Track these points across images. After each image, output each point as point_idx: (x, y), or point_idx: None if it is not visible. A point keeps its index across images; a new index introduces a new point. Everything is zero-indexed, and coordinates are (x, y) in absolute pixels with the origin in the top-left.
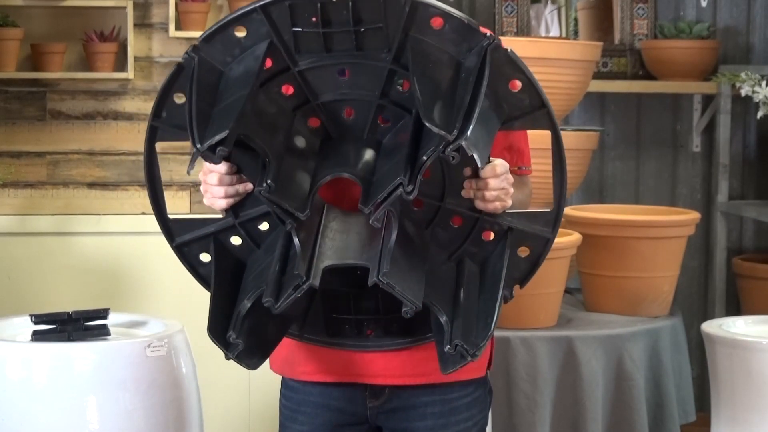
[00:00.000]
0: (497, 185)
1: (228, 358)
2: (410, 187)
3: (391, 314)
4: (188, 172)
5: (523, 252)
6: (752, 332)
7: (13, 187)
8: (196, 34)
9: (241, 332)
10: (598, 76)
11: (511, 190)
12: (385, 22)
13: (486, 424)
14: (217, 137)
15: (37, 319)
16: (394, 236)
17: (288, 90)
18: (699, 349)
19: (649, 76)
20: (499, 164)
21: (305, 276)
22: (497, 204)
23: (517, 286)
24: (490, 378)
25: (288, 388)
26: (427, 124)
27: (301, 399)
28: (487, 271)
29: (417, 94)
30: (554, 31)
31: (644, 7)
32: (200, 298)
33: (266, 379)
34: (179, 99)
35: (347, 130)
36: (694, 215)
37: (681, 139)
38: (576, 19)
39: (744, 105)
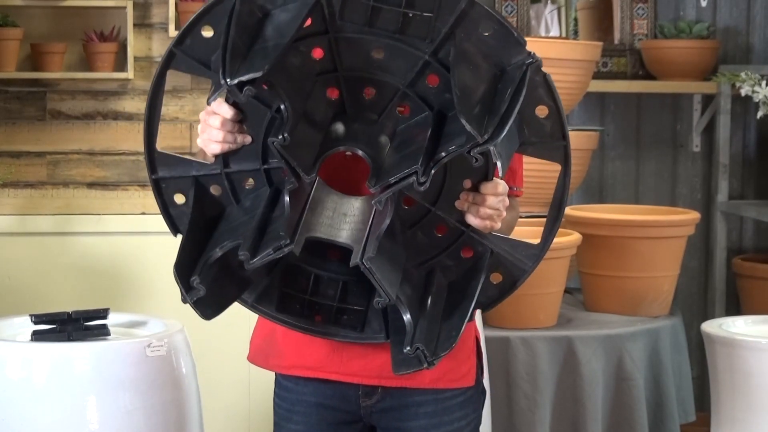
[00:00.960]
0: (494, 204)
1: (185, 301)
2: (423, 178)
3: (345, 305)
4: (208, 102)
5: (496, 278)
6: (752, 332)
7: (13, 187)
8: None
9: (205, 279)
10: (598, 76)
11: (504, 213)
12: (437, 13)
13: (479, 423)
14: (250, 75)
15: (37, 319)
16: (386, 223)
17: (317, 53)
18: (699, 349)
19: (648, 76)
20: (502, 184)
21: (289, 239)
22: (488, 223)
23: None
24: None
25: (282, 387)
26: (462, 118)
27: (296, 399)
28: (456, 287)
29: (455, 88)
30: (554, 31)
31: (644, 7)
32: None
33: (266, 379)
34: (207, 32)
35: (364, 109)
36: (694, 215)
37: (681, 138)
38: (576, 19)
39: (744, 105)
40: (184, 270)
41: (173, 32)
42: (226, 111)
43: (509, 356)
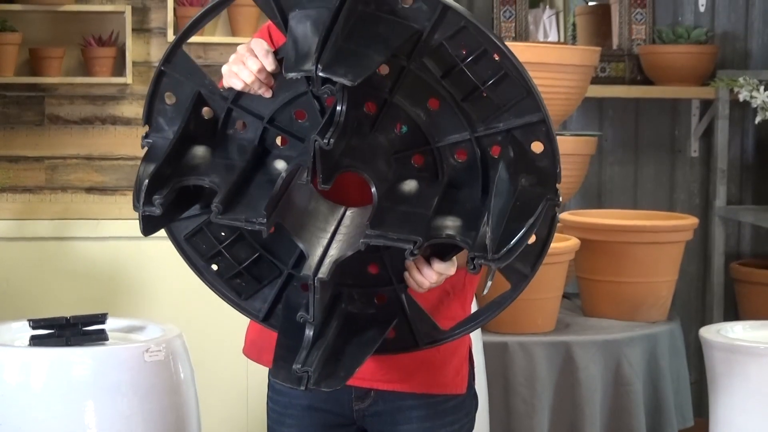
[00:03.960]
0: (436, 281)
1: (135, 210)
2: (417, 251)
3: (247, 272)
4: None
5: (390, 334)
6: (750, 337)
7: (11, 192)
8: (194, 39)
9: (165, 200)
10: (596, 81)
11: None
12: (506, 108)
13: (472, 428)
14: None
15: (35, 323)
16: (350, 253)
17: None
18: (697, 355)
19: (647, 81)
20: (454, 267)
21: (265, 220)
22: (418, 289)
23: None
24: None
25: (275, 391)
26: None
27: (288, 402)
28: (361, 325)
29: (491, 214)
30: (552, 36)
31: (642, 12)
32: (198, 303)
33: (264, 384)
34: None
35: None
36: (692, 220)
37: (679, 144)
38: (574, 24)
39: (742, 110)
40: (154, 182)
41: (172, 37)
42: (269, 63)
43: (507, 361)
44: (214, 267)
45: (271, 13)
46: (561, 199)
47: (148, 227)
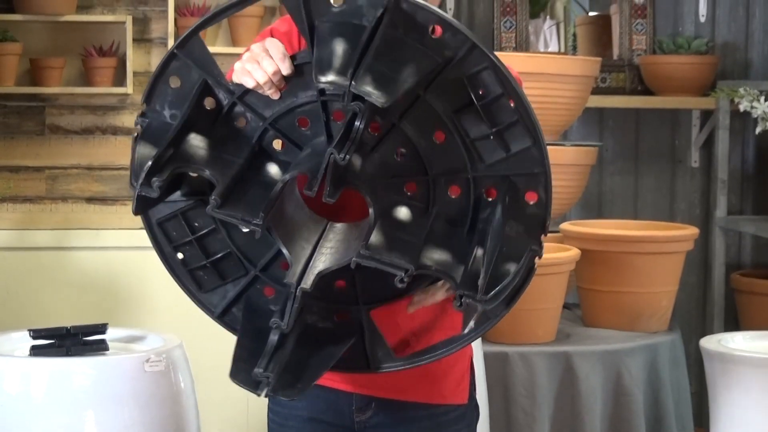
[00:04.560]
0: (427, 302)
1: (131, 188)
2: (407, 279)
3: (213, 266)
4: None
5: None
6: (751, 348)
7: (11, 202)
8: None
9: (162, 183)
10: (596, 91)
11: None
12: (509, 156)
13: None
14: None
15: (36, 334)
16: (334, 268)
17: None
18: (697, 365)
19: (647, 92)
20: (441, 293)
21: (261, 221)
22: (415, 308)
23: None
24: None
25: (275, 402)
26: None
27: (288, 413)
28: (323, 339)
29: (486, 264)
30: (553, 47)
31: (643, 22)
32: (199, 313)
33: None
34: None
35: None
36: (693, 231)
37: (679, 154)
38: (575, 35)
39: (742, 120)
40: (157, 164)
41: None
42: (286, 67)
43: (508, 372)
44: (180, 255)
45: (298, 18)
46: (543, 251)
47: (141, 207)
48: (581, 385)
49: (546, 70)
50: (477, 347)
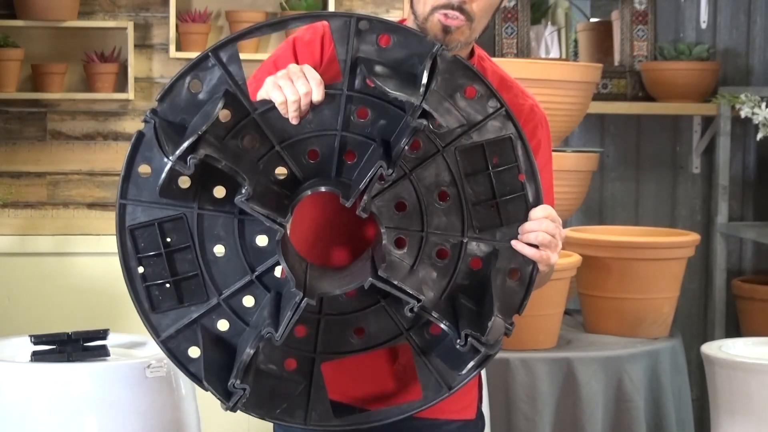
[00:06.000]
0: (550, 228)
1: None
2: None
3: (174, 287)
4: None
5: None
6: (752, 354)
7: (13, 208)
8: (197, 54)
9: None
10: (597, 97)
11: (560, 245)
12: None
13: None
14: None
15: (37, 339)
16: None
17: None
18: (699, 371)
19: (648, 98)
20: (548, 207)
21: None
22: (543, 253)
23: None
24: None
25: None
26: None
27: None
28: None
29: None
30: (554, 53)
31: (644, 28)
32: None
33: None
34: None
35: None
36: (694, 237)
37: (681, 160)
38: (576, 41)
39: (743, 126)
40: (196, 143)
41: (174, 53)
42: (318, 93)
43: (509, 378)
44: (141, 269)
45: (342, 48)
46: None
47: (166, 190)
48: (582, 391)
49: (547, 77)
50: None
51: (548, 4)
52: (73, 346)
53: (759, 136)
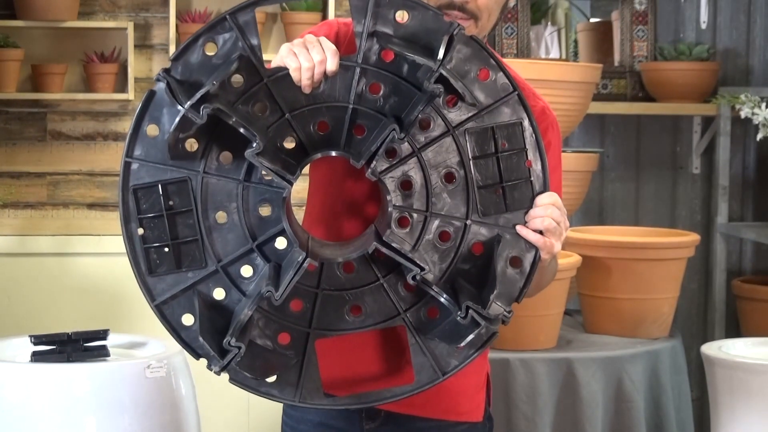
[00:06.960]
0: (556, 215)
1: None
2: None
3: (176, 250)
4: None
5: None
6: (752, 354)
7: (13, 208)
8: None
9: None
10: (597, 97)
11: (564, 233)
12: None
13: None
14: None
15: (37, 340)
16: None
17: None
18: (699, 371)
19: (648, 98)
20: (555, 195)
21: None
22: (548, 240)
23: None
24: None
25: (290, 405)
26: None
27: (300, 416)
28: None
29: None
30: (554, 53)
31: (644, 29)
32: None
33: (265, 402)
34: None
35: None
36: (694, 237)
37: (681, 160)
38: (576, 41)
39: (744, 127)
40: (206, 95)
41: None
42: (333, 63)
43: (509, 378)
44: (141, 231)
45: (359, 18)
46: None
47: (174, 147)
48: (582, 391)
49: (547, 77)
50: None
51: (548, 5)
52: (73, 347)
53: (759, 136)
